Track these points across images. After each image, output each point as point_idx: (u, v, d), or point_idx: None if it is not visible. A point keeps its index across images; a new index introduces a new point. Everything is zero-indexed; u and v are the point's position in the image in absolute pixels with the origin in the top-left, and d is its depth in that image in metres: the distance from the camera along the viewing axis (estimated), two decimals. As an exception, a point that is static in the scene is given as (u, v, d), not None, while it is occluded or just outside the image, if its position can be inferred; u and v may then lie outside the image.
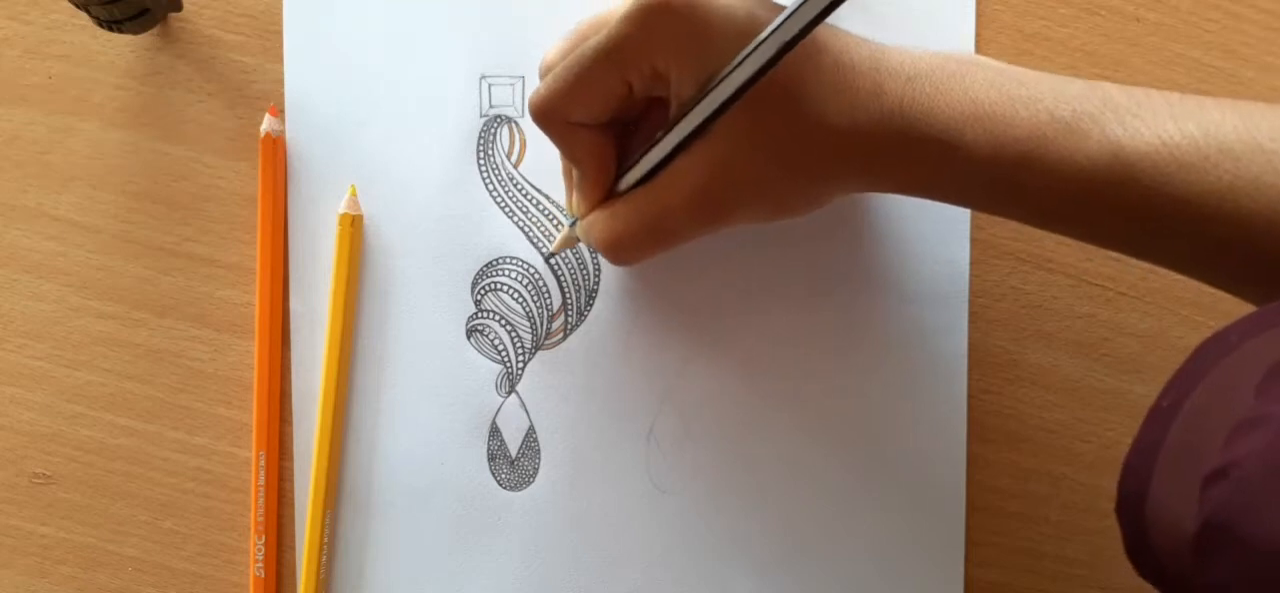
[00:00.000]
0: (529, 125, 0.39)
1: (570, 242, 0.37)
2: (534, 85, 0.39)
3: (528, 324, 0.39)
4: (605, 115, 0.33)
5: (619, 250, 0.34)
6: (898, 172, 0.32)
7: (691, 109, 0.31)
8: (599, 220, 0.34)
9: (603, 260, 0.39)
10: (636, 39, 0.30)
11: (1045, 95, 0.30)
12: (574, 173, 0.35)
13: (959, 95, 0.30)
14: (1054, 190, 0.30)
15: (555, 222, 0.39)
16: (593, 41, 0.31)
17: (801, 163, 0.32)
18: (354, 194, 0.39)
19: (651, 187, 0.33)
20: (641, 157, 0.33)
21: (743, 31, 0.30)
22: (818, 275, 0.39)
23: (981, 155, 0.30)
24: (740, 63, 0.29)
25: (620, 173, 0.34)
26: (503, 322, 0.39)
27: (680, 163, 0.32)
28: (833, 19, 0.29)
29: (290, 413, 0.39)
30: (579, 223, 0.35)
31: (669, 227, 0.33)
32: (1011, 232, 0.39)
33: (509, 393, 0.39)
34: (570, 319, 0.39)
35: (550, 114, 0.33)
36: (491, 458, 0.39)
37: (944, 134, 0.30)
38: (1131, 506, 0.25)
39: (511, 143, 0.39)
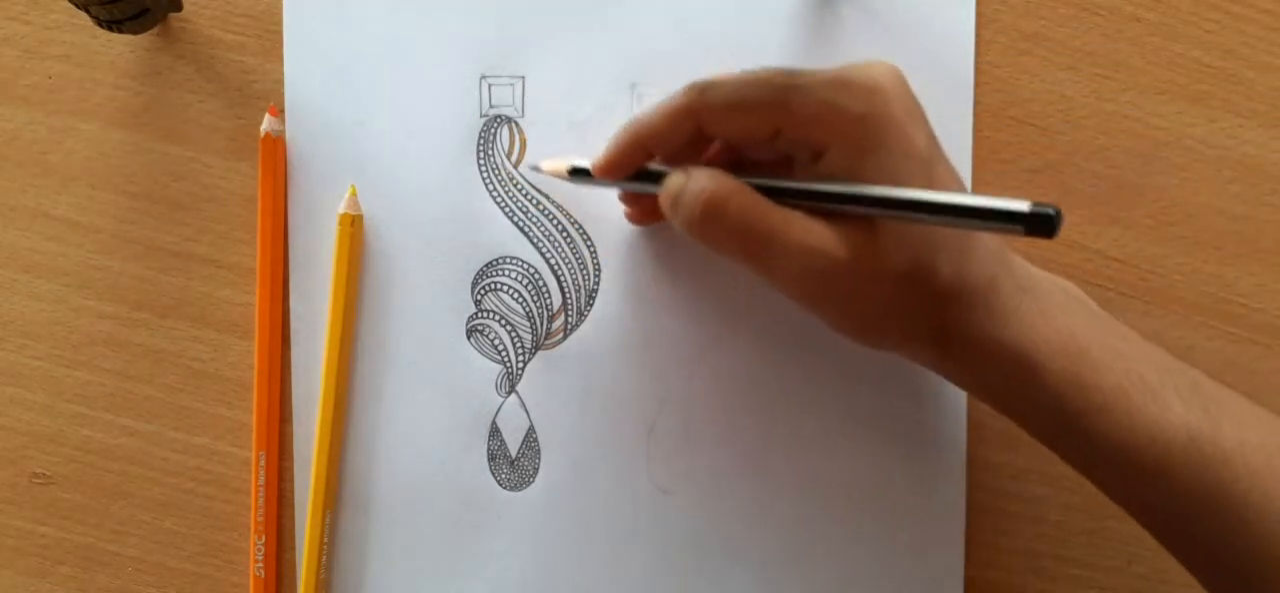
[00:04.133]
0: (529, 125, 0.39)
1: (558, 174, 0.36)
2: (534, 85, 0.39)
3: (528, 324, 0.39)
4: (736, 135, 0.32)
5: (711, 219, 0.31)
6: (978, 369, 0.32)
7: (869, 188, 0.30)
8: (717, 178, 0.31)
9: (603, 258, 0.39)
10: (828, 101, 0.30)
11: (1140, 358, 0.31)
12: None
13: (1060, 324, 0.31)
14: (1122, 447, 0.30)
15: (555, 221, 0.39)
16: (786, 74, 0.31)
17: (906, 309, 0.31)
18: (354, 194, 0.39)
19: (781, 207, 0.31)
20: (785, 179, 0.32)
21: (919, 160, 0.30)
22: (818, 275, 0.39)
23: (1063, 390, 0.30)
24: (951, 200, 0.28)
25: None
26: (503, 322, 0.39)
27: (817, 221, 0.31)
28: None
29: (290, 413, 0.39)
30: (674, 175, 0.33)
31: (768, 246, 0.31)
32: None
33: (509, 393, 0.39)
34: (570, 319, 0.39)
35: (707, 95, 0.32)
36: (491, 458, 0.39)
37: (1035, 355, 0.30)
38: None
39: (511, 143, 0.39)
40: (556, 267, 0.39)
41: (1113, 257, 0.39)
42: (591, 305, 0.39)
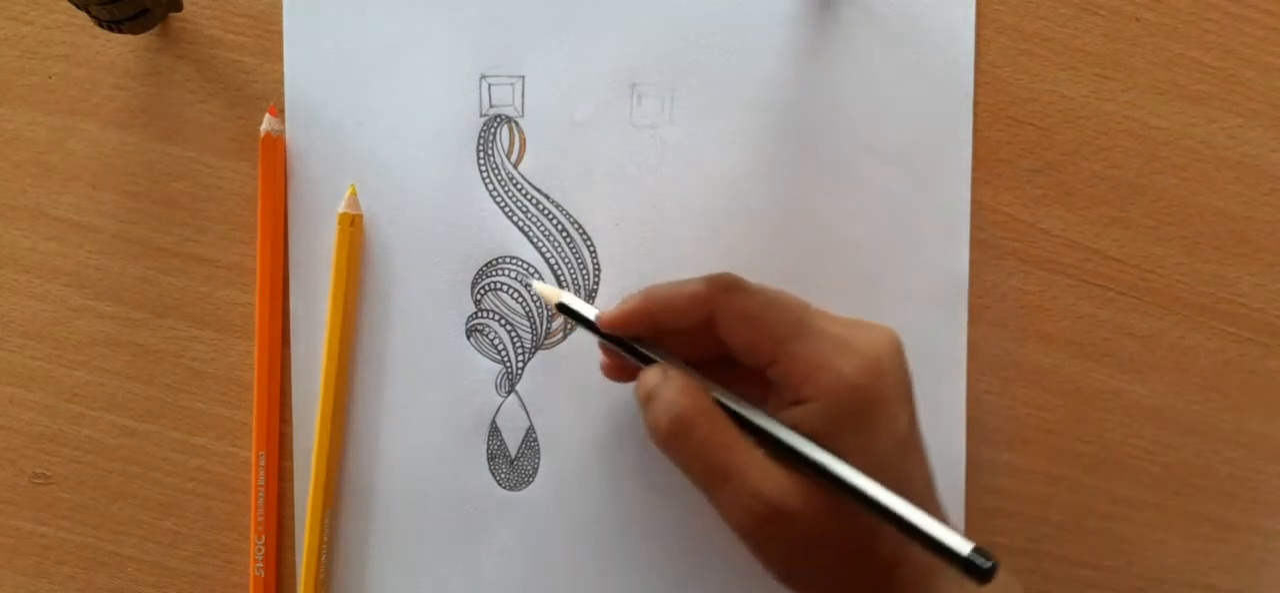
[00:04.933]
0: (529, 125, 0.39)
1: (547, 301, 0.37)
2: (534, 85, 0.39)
3: (527, 324, 0.39)
4: (741, 348, 0.32)
5: (675, 437, 0.32)
6: None
7: (841, 468, 0.30)
8: (689, 394, 0.32)
9: (603, 258, 0.39)
10: (828, 361, 0.31)
11: None
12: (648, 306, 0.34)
13: None
14: None
15: (555, 221, 0.39)
16: (803, 311, 0.32)
17: (845, 575, 0.32)
18: (354, 194, 0.39)
19: (744, 439, 0.32)
20: (754, 407, 0.32)
21: (897, 444, 0.31)
22: (818, 276, 0.39)
23: None
24: (902, 509, 0.29)
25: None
26: (503, 321, 0.39)
27: (775, 467, 0.31)
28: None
29: (290, 413, 0.39)
30: (653, 369, 0.33)
31: (724, 481, 0.31)
32: (1011, 232, 0.39)
33: (509, 393, 0.39)
34: (570, 319, 0.39)
35: (729, 297, 0.32)
36: (491, 458, 0.39)
37: None
38: None
39: (511, 143, 0.39)
40: (556, 266, 0.39)
41: (1113, 257, 0.39)
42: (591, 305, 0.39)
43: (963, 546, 0.27)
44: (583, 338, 0.39)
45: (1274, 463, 0.39)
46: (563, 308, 0.36)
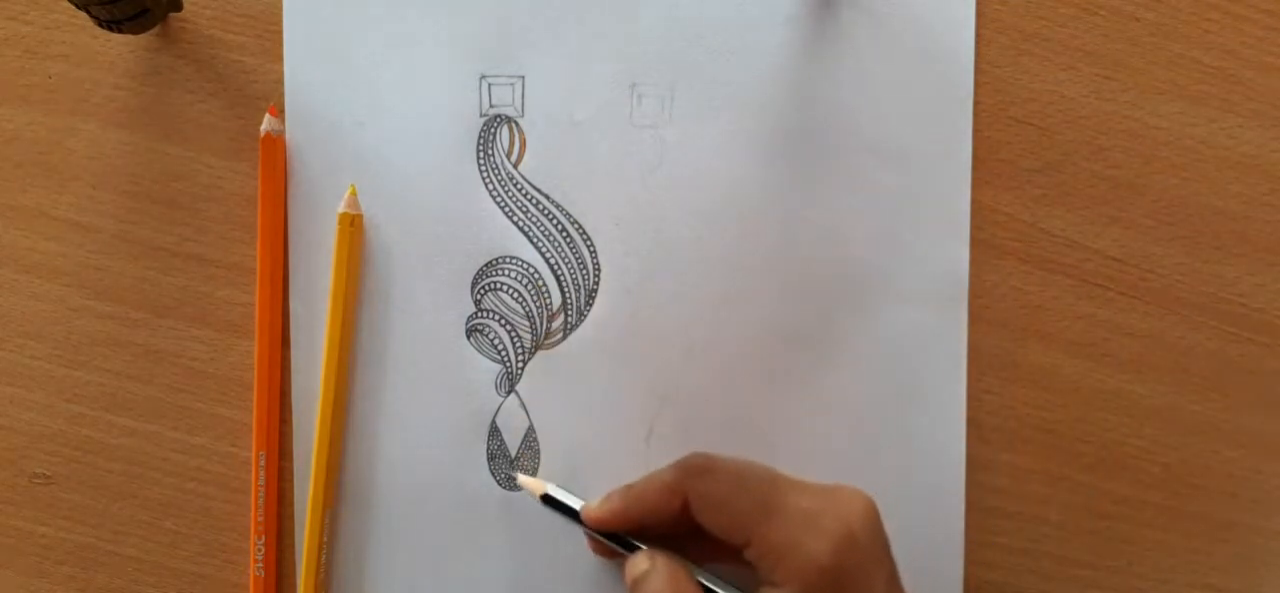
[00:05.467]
0: (529, 125, 0.39)
1: (532, 492, 0.38)
2: (534, 85, 0.39)
3: (527, 324, 0.39)
4: (716, 532, 0.33)
5: None
6: None
7: None
8: (675, 583, 0.33)
9: (603, 258, 0.39)
10: (797, 541, 0.31)
11: None
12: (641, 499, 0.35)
13: None
14: None
15: (555, 221, 0.39)
16: (769, 485, 0.33)
17: None
18: (354, 194, 0.39)
19: None
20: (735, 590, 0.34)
21: None
22: (818, 276, 0.39)
23: None
24: None
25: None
26: (502, 321, 0.39)
27: None
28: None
29: (290, 413, 0.39)
30: (641, 556, 0.35)
31: None
32: (1011, 232, 0.39)
33: (509, 393, 0.39)
34: (570, 319, 0.39)
35: (698, 484, 0.33)
36: (491, 458, 0.39)
37: None
38: None
39: (511, 143, 0.39)
40: (556, 266, 0.39)
41: (1113, 257, 0.39)
42: (591, 305, 0.39)
43: None
44: (582, 338, 0.39)
45: (1274, 463, 0.39)
46: (548, 500, 0.37)
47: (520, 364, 0.39)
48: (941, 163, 0.39)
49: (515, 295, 0.39)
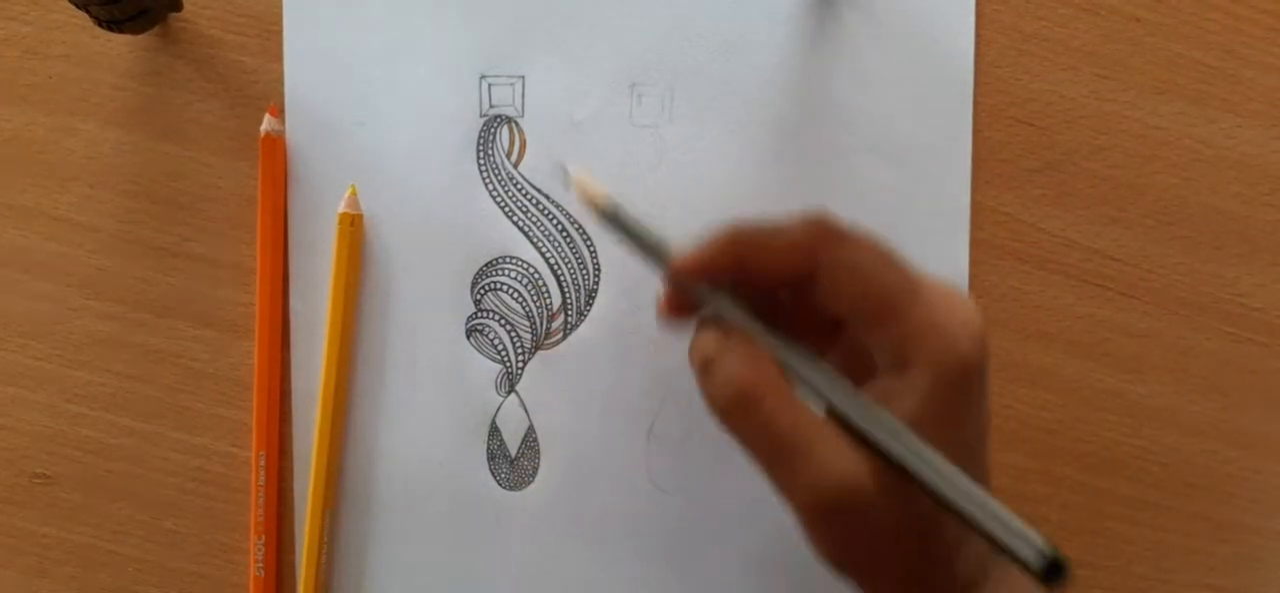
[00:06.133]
0: (529, 125, 0.39)
1: (592, 200, 0.31)
2: (534, 85, 0.39)
3: (527, 324, 0.39)
4: (844, 309, 0.29)
5: (738, 411, 0.28)
6: None
7: (920, 444, 0.27)
8: (754, 365, 0.28)
9: (603, 258, 0.39)
10: (941, 323, 0.27)
11: None
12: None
13: None
14: None
15: (555, 221, 0.39)
16: (907, 277, 0.28)
17: (912, 563, 0.28)
18: (354, 194, 0.39)
19: (813, 413, 0.28)
20: (836, 382, 0.28)
21: (982, 432, 0.28)
22: (818, 275, 0.39)
23: None
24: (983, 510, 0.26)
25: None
26: (502, 321, 0.39)
27: (847, 446, 0.27)
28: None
29: (290, 413, 0.39)
30: (710, 333, 0.29)
31: (791, 459, 0.27)
32: (1011, 232, 0.39)
33: (509, 393, 0.39)
34: (570, 319, 0.39)
35: (837, 248, 0.28)
36: (491, 458, 0.39)
37: None
38: None
39: (511, 143, 0.39)
40: (556, 266, 0.39)
41: (1113, 257, 0.39)
42: (591, 305, 0.39)
43: (1037, 558, 0.25)
44: (582, 338, 0.39)
45: (1274, 463, 0.39)
46: (612, 218, 0.30)
47: (520, 364, 0.39)
48: (941, 163, 0.39)
49: (515, 295, 0.39)
